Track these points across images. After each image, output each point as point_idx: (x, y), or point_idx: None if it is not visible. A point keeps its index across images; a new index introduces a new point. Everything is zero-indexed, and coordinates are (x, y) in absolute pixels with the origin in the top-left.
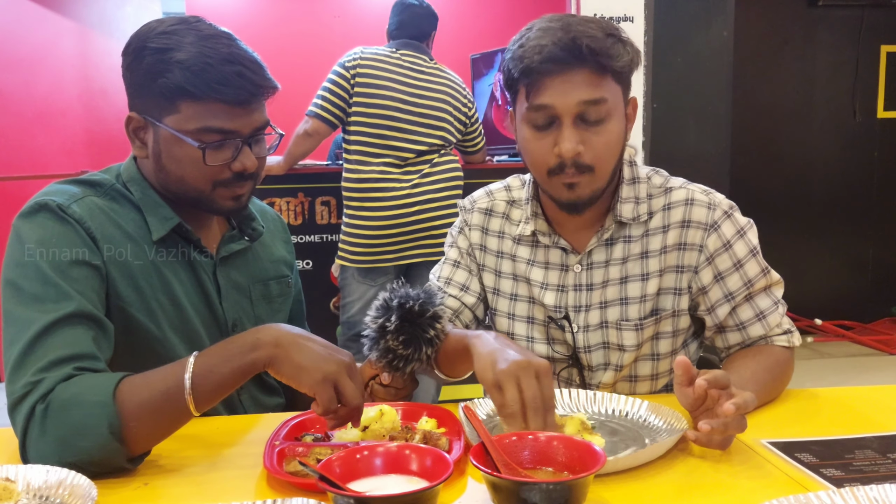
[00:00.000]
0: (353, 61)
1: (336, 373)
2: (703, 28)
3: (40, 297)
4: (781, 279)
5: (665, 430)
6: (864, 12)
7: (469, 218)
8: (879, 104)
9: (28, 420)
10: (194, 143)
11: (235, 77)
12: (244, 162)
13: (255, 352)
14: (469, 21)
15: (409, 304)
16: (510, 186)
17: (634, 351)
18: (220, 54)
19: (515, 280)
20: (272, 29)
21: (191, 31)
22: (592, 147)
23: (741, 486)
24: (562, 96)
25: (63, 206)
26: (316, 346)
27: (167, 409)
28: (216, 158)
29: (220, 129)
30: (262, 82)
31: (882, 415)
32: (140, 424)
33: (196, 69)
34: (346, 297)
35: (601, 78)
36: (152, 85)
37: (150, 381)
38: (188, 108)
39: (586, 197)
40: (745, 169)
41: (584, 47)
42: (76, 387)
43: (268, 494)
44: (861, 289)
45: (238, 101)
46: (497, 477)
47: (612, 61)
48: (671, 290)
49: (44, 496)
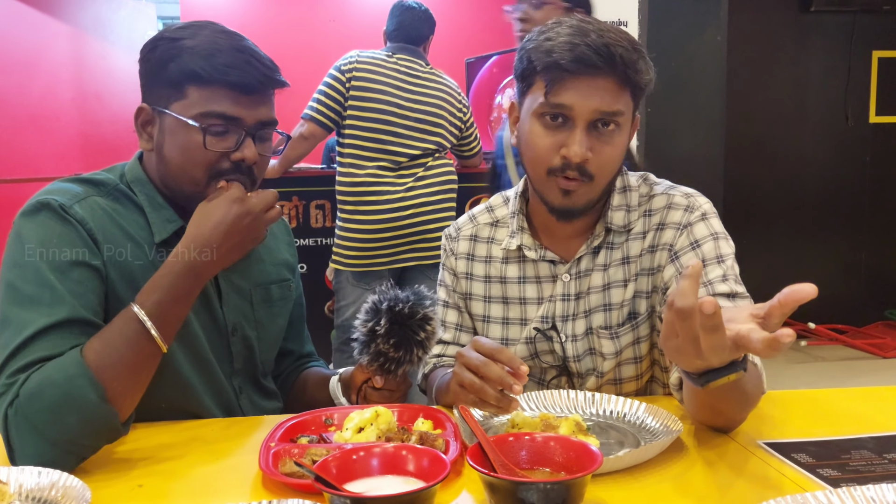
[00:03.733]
0: (349, 65)
1: (249, 203)
2: (696, 33)
3: (35, 300)
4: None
5: (661, 432)
6: (856, 18)
7: (455, 246)
8: (871, 109)
9: (5, 426)
10: (196, 124)
11: (244, 63)
12: (245, 152)
13: (195, 271)
14: (464, 25)
15: (398, 307)
16: (492, 206)
17: (615, 357)
18: (232, 44)
19: (506, 304)
20: (268, 32)
21: (208, 27)
22: (599, 156)
23: (738, 486)
24: (583, 100)
25: (65, 207)
26: (219, 215)
27: (139, 358)
28: (217, 145)
29: (224, 115)
30: (270, 73)
31: (878, 415)
32: (121, 381)
33: (205, 53)
34: (340, 300)
35: (623, 90)
36: (162, 72)
37: (110, 340)
38: (194, 93)
39: (581, 205)
40: (739, 173)
41: (617, 56)
42: (39, 375)
43: (263, 496)
44: (854, 292)
45: (244, 86)
46: (494, 477)
47: (639, 76)
48: (643, 294)
49: (36, 498)
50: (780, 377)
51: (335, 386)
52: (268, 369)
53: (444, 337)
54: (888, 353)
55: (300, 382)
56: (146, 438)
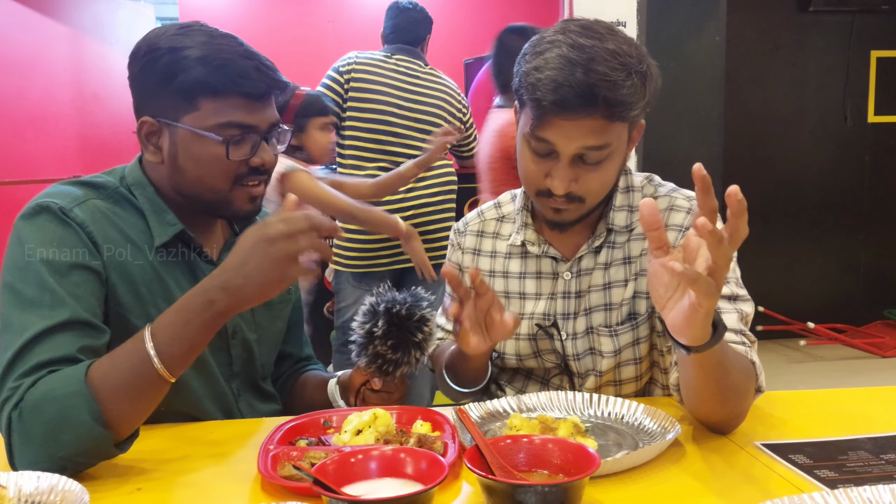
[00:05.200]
0: (347, 66)
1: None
2: (695, 33)
3: (36, 302)
4: (752, 302)
5: (659, 433)
6: (855, 18)
7: (462, 241)
8: (870, 109)
9: (8, 429)
10: (217, 137)
11: (254, 71)
12: (263, 157)
13: (212, 307)
14: (463, 26)
15: (395, 309)
16: (500, 203)
17: (614, 357)
18: (236, 50)
19: (507, 298)
20: (266, 33)
21: (201, 31)
22: (586, 183)
23: (735, 487)
24: (565, 138)
25: (65, 210)
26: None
27: (141, 385)
28: (237, 154)
29: (241, 124)
30: (275, 76)
31: (875, 416)
32: (118, 406)
33: (216, 63)
34: (340, 301)
35: (610, 125)
36: (168, 85)
37: (117, 362)
38: (208, 104)
39: (572, 220)
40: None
41: (600, 97)
42: (45, 385)
43: (262, 499)
44: (853, 292)
45: (257, 94)
46: (492, 479)
47: (627, 110)
48: (643, 294)
49: (36, 502)
50: (779, 376)
51: (333, 388)
52: (267, 372)
53: (446, 326)
54: (887, 353)
55: (299, 385)
56: (145, 441)
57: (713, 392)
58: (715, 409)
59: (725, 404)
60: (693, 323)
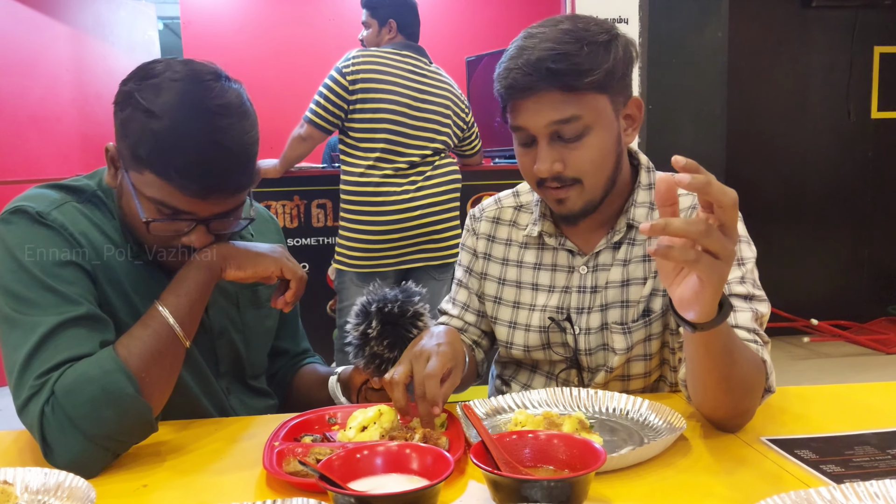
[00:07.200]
0: (351, 66)
1: (281, 254)
2: (697, 29)
3: (39, 300)
4: (769, 304)
5: (665, 429)
6: (858, 13)
7: (477, 227)
8: (873, 105)
9: (41, 424)
10: (142, 214)
11: (206, 163)
12: (193, 238)
13: (210, 268)
14: (464, 23)
15: (387, 307)
16: (518, 192)
17: (626, 353)
18: (197, 139)
19: (519, 288)
20: (267, 31)
21: (186, 94)
22: (572, 162)
23: (741, 482)
24: (533, 118)
25: (42, 213)
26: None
27: (166, 352)
28: (164, 230)
29: (175, 209)
30: (228, 180)
31: (881, 411)
32: (151, 376)
33: (164, 147)
34: (343, 300)
35: (570, 96)
36: (126, 139)
37: (140, 337)
38: (150, 177)
39: (578, 209)
40: (740, 169)
41: (544, 69)
42: (75, 372)
43: (267, 495)
44: (857, 288)
45: (196, 195)
46: (498, 475)
47: (580, 78)
48: (660, 292)
49: (42, 499)
50: (783, 373)
51: (334, 385)
52: (258, 371)
53: (450, 311)
54: (891, 349)
55: (298, 380)
56: (150, 437)
57: (717, 381)
58: (720, 400)
59: (731, 395)
60: (702, 298)
